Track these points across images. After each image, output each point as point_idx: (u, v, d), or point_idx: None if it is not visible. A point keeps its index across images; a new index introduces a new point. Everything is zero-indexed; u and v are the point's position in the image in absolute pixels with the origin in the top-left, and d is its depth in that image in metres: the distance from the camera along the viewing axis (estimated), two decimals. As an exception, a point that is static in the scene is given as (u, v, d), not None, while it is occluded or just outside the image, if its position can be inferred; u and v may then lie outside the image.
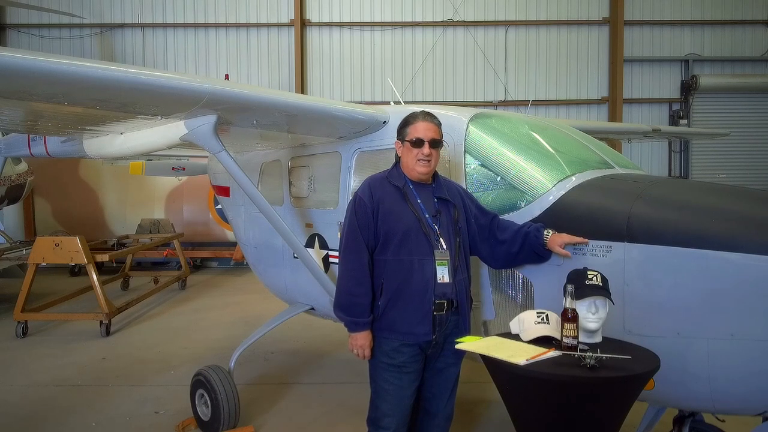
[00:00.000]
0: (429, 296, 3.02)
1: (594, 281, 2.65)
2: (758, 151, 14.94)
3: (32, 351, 6.91)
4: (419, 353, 3.13)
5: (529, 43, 14.79)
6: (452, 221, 3.15)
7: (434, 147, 3.11)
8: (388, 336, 3.10)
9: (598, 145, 4.12)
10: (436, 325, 3.06)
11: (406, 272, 3.04)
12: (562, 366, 2.47)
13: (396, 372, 3.11)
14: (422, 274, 3.03)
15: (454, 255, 3.10)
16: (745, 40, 15.01)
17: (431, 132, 3.12)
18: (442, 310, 3.04)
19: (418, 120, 3.16)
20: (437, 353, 3.17)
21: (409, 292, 3.04)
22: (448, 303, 3.06)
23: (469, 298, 3.23)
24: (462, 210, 3.23)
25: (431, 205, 3.15)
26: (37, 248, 7.69)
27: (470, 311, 3.25)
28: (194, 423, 4.73)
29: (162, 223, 12.61)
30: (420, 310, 3.04)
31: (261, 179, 5.37)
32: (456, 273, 3.10)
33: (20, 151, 6.27)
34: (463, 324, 3.16)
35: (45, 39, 14.50)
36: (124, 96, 3.22)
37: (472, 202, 3.33)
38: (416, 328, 3.05)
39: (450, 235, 3.12)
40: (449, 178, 3.45)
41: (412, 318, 3.05)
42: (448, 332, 3.12)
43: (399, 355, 3.09)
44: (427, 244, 3.05)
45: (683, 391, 2.91)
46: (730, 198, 3.17)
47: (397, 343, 3.09)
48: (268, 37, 14.62)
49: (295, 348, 6.89)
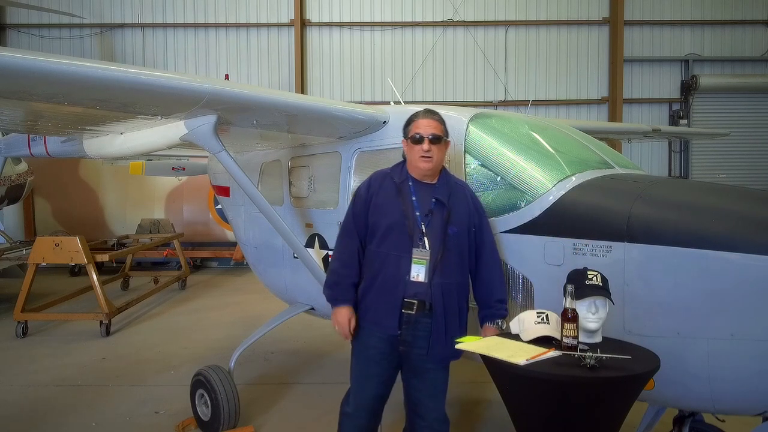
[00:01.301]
0: (399, 292, 3.07)
1: (594, 281, 2.65)
2: (758, 151, 14.94)
3: (32, 351, 6.91)
4: (390, 348, 3.15)
5: (529, 43, 14.79)
6: (443, 224, 3.11)
7: (435, 143, 3.11)
8: (361, 323, 3.23)
9: (598, 145, 4.12)
10: (404, 323, 3.08)
11: (381, 264, 3.13)
12: (562, 366, 2.47)
13: (365, 360, 3.24)
14: (396, 269, 3.08)
15: (437, 256, 3.06)
16: (745, 40, 15.01)
17: (431, 128, 3.13)
18: (412, 310, 3.05)
19: (420, 117, 3.19)
20: (411, 354, 3.14)
21: (381, 284, 3.13)
22: (420, 304, 3.05)
23: (455, 304, 3.14)
24: (465, 216, 3.18)
25: (427, 204, 3.13)
26: (37, 248, 7.69)
27: (459, 320, 3.16)
28: (194, 423, 4.73)
29: (162, 223, 12.61)
30: (389, 303, 3.10)
31: (261, 179, 5.37)
32: (435, 275, 3.05)
33: (20, 151, 6.27)
34: (436, 330, 3.08)
35: (45, 39, 14.49)
36: (124, 96, 3.22)
37: (478, 214, 3.25)
38: (383, 319, 3.13)
39: (437, 236, 3.09)
40: (464, 183, 3.40)
41: (380, 309, 3.13)
42: (419, 334, 3.09)
43: (370, 346, 3.20)
44: (408, 241, 3.07)
45: (683, 391, 2.91)
46: (730, 198, 3.17)
47: (367, 332, 3.21)
48: (268, 37, 14.62)
49: (295, 348, 6.89)
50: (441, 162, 3.20)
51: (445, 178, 3.24)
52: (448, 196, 3.17)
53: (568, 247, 3.18)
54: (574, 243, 3.17)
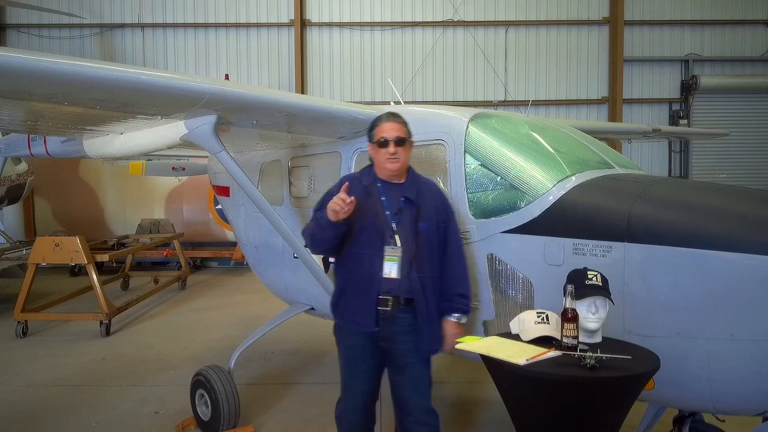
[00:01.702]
0: (374, 290, 3.15)
1: (594, 281, 2.65)
2: (758, 151, 14.93)
3: (32, 351, 6.92)
4: (370, 346, 3.22)
5: (529, 43, 14.78)
6: (413, 221, 3.20)
7: (400, 145, 3.19)
8: (339, 323, 3.35)
9: (598, 145, 4.12)
10: (380, 319, 3.16)
11: (355, 264, 3.22)
12: (562, 366, 2.47)
13: (349, 358, 3.32)
14: (370, 267, 3.16)
15: (410, 253, 3.14)
16: (745, 40, 15.00)
17: (395, 131, 3.20)
18: (387, 306, 3.14)
19: (383, 121, 3.27)
20: (392, 350, 3.21)
21: (356, 282, 3.22)
22: (395, 300, 3.14)
23: (434, 298, 3.22)
24: (434, 212, 3.26)
25: (396, 203, 3.22)
26: (37, 248, 7.69)
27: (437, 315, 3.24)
28: (194, 423, 4.73)
29: (162, 223, 12.61)
30: (365, 301, 3.18)
31: (261, 179, 5.37)
32: (412, 270, 3.14)
33: (20, 151, 6.27)
34: (423, 324, 3.16)
35: (45, 39, 14.49)
36: (124, 96, 3.22)
37: (445, 210, 3.35)
38: (360, 317, 3.21)
39: (409, 233, 3.18)
40: (431, 181, 3.45)
41: (357, 307, 3.22)
42: (398, 329, 3.17)
43: (352, 344, 3.29)
44: (380, 239, 3.16)
45: (683, 391, 2.91)
46: (730, 198, 3.17)
47: (347, 331, 3.29)
48: (268, 37, 14.61)
49: (295, 348, 6.89)
50: (407, 162, 3.28)
51: (413, 177, 3.33)
52: (417, 193, 3.26)
53: (568, 247, 3.18)
54: (574, 243, 3.17)
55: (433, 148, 3.92)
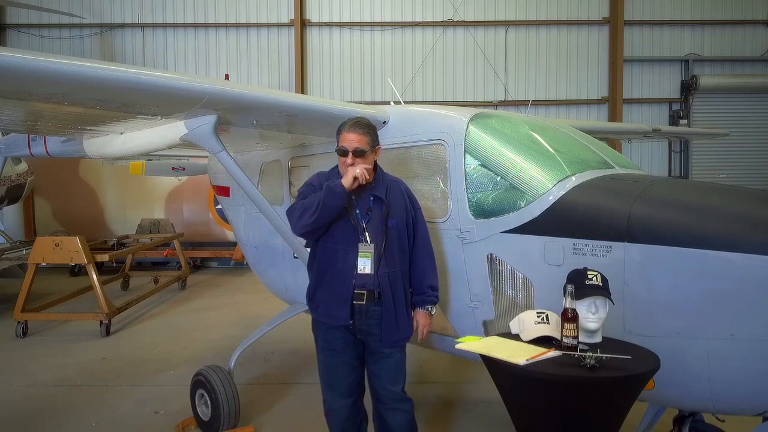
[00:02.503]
0: (348, 284, 3.26)
1: (594, 281, 2.65)
2: (758, 151, 14.93)
3: (32, 351, 6.91)
4: (349, 338, 3.34)
5: (529, 43, 14.78)
6: (383, 218, 3.30)
7: (359, 156, 3.24)
8: (315, 317, 3.44)
9: (598, 145, 4.12)
10: (356, 313, 3.27)
11: (330, 260, 3.32)
12: (562, 366, 2.47)
13: (330, 354, 3.41)
14: (345, 262, 3.27)
15: (380, 249, 3.26)
16: (745, 40, 15.00)
17: (355, 142, 3.25)
18: (362, 300, 3.25)
19: (344, 130, 3.31)
20: (368, 341, 3.34)
21: (331, 277, 3.32)
22: (369, 293, 3.25)
23: (401, 290, 3.35)
24: (402, 209, 3.37)
25: (366, 202, 3.33)
26: (37, 248, 7.69)
27: (406, 305, 3.38)
28: (194, 423, 4.73)
29: (162, 223, 12.61)
30: (340, 295, 3.29)
31: (261, 179, 5.37)
32: (381, 266, 3.26)
33: (20, 151, 6.27)
34: (386, 316, 3.28)
35: (45, 39, 14.49)
36: (124, 96, 3.22)
37: (413, 207, 3.46)
38: (335, 311, 3.31)
39: (378, 230, 3.29)
40: (398, 179, 3.52)
41: (332, 302, 3.32)
42: (372, 322, 3.29)
43: (331, 339, 3.38)
44: (354, 236, 3.27)
45: (683, 391, 2.91)
46: (730, 198, 3.17)
47: (325, 326, 3.38)
48: (268, 37, 14.61)
49: (295, 348, 6.89)
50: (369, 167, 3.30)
51: (381, 176, 3.42)
52: (386, 192, 3.35)
53: (568, 247, 3.19)
54: (574, 243, 3.17)
55: (433, 148, 3.93)
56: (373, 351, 3.38)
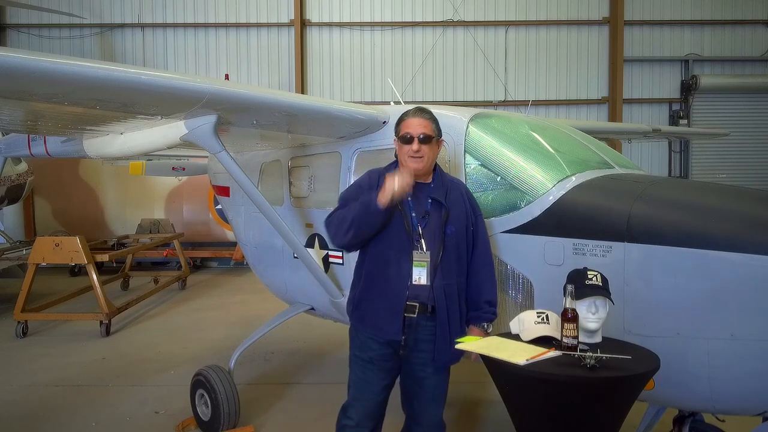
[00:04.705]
0: (401, 295, 2.98)
1: (594, 281, 2.65)
2: (758, 151, 14.93)
3: (32, 351, 6.91)
4: (390, 352, 3.07)
5: (529, 43, 14.78)
6: (442, 224, 3.03)
7: (425, 143, 3.00)
8: (359, 327, 3.14)
9: (598, 145, 4.13)
10: (406, 327, 2.99)
11: (382, 266, 3.03)
12: (562, 366, 2.46)
13: (363, 365, 3.13)
14: (398, 271, 2.99)
15: (436, 258, 2.99)
16: (745, 40, 15.00)
17: (421, 127, 3.02)
18: (414, 313, 2.97)
19: (410, 116, 3.08)
20: (411, 358, 3.07)
21: (382, 286, 3.03)
22: (421, 306, 2.97)
23: (457, 306, 3.07)
24: (462, 215, 3.10)
25: (423, 204, 3.05)
26: (37, 248, 7.69)
27: (460, 321, 3.10)
28: (194, 423, 4.73)
29: (162, 223, 12.61)
30: (391, 307, 3.00)
31: (261, 179, 5.37)
32: (436, 277, 2.99)
33: (20, 151, 6.26)
34: (441, 334, 3.01)
35: (45, 39, 14.49)
36: (124, 96, 3.21)
37: (474, 213, 3.18)
38: (385, 324, 3.01)
39: (436, 237, 3.01)
40: (459, 181, 3.30)
41: (382, 314, 3.02)
42: (420, 338, 3.03)
43: (368, 349, 3.10)
44: (408, 242, 2.98)
45: (683, 391, 2.91)
46: (730, 198, 3.17)
47: (366, 337, 3.10)
48: (268, 37, 14.61)
49: (295, 348, 6.89)
50: (432, 161, 3.10)
51: (440, 177, 3.15)
52: (445, 195, 3.09)
53: (568, 247, 3.19)
54: (574, 243, 3.17)
55: (433, 148, 3.92)
56: (414, 369, 3.10)
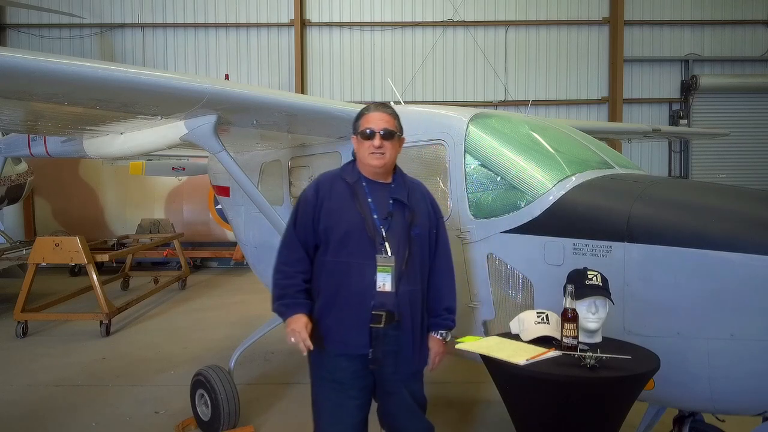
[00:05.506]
0: (366, 304, 2.74)
1: (594, 281, 2.65)
2: (758, 151, 14.93)
3: (32, 351, 6.91)
4: (361, 369, 2.82)
5: (529, 43, 14.78)
6: (406, 226, 2.84)
7: (387, 139, 2.81)
8: (324, 345, 2.84)
9: (598, 145, 4.13)
10: (373, 338, 2.76)
11: (343, 275, 2.78)
12: (562, 366, 2.47)
13: (335, 388, 2.86)
14: (361, 278, 2.75)
15: (401, 263, 2.78)
16: (745, 40, 15.00)
17: (383, 122, 2.83)
18: (380, 323, 2.74)
19: (371, 111, 2.89)
20: (383, 372, 2.84)
21: (345, 297, 2.78)
22: (388, 315, 2.74)
23: (420, 314, 2.89)
24: (425, 217, 2.93)
25: (385, 206, 2.85)
26: (37, 248, 7.69)
27: (422, 330, 2.92)
28: (194, 423, 4.72)
29: (162, 223, 12.61)
30: (356, 318, 2.77)
31: (261, 179, 5.37)
32: (401, 283, 2.78)
33: (20, 151, 6.27)
34: (405, 344, 2.83)
35: (45, 39, 14.48)
36: (124, 96, 3.22)
37: (436, 215, 3.02)
38: (351, 337, 2.78)
39: (400, 240, 2.81)
40: (419, 182, 3.08)
41: (346, 326, 2.79)
42: (388, 349, 2.80)
43: (337, 369, 2.84)
44: (370, 247, 2.76)
45: (683, 391, 2.91)
46: (730, 198, 3.17)
47: (334, 355, 2.83)
48: (268, 37, 14.61)
49: (295, 348, 6.87)
50: (394, 159, 2.91)
51: (401, 177, 2.97)
52: (407, 195, 2.90)
53: (568, 247, 3.18)
54: (574, 243, 3.17)
55: (433, 148, 3.93)
56: (386, 384, 2.88)
